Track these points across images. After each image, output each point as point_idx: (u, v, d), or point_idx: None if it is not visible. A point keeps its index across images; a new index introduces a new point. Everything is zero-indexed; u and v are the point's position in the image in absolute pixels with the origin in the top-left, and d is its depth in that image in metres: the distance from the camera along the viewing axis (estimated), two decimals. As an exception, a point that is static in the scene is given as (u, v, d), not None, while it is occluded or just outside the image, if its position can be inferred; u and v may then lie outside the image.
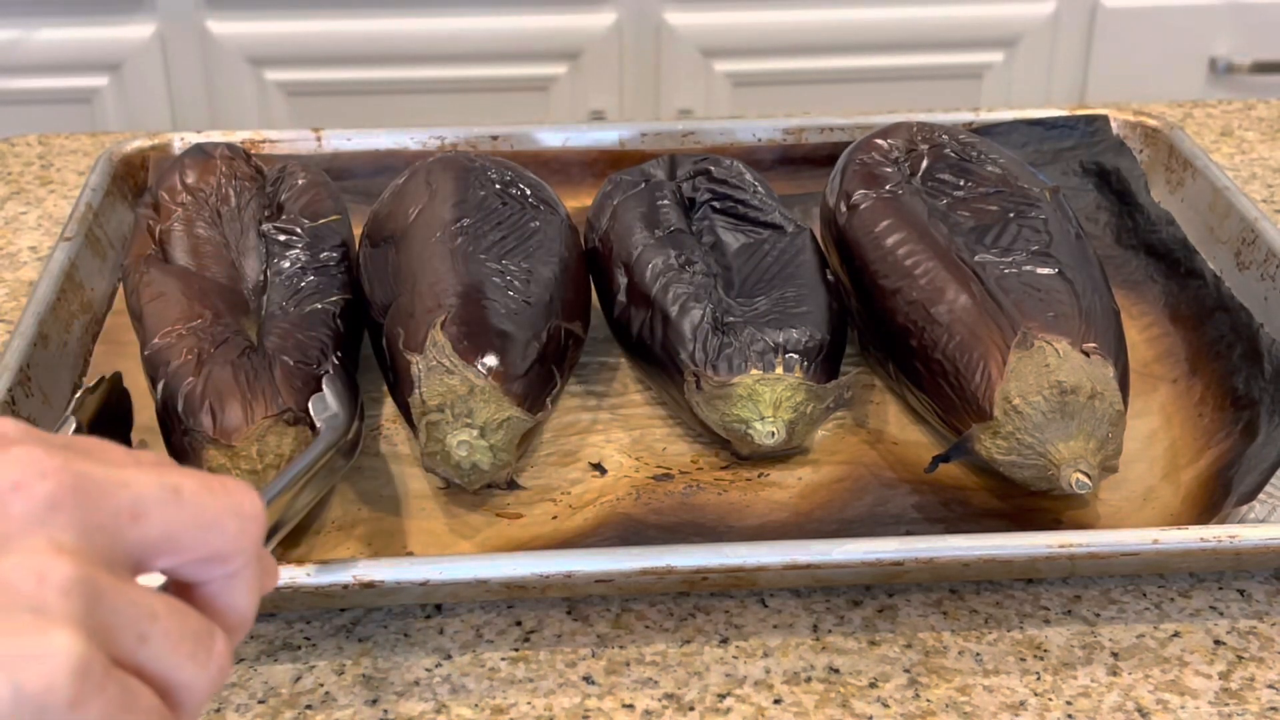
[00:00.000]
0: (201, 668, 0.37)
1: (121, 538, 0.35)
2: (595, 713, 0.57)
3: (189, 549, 0.37)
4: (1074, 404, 0.63)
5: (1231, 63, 1.68)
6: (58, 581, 0.33)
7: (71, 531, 0.34)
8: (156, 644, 0.36)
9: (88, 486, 0.35)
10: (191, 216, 0.75)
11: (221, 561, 0.38)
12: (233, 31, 1.60)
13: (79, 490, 0.35)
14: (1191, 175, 0.88)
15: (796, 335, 0.68)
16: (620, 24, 1.63)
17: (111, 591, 0.34)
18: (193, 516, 0.37)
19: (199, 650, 0.37)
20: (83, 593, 0.33)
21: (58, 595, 0.33)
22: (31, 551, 0.33)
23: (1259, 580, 0.63)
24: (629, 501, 0.66)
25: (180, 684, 0.36)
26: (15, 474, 0.34)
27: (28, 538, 0.33)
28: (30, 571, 0.33)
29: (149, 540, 0.36)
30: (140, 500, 0.36)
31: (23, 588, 0.33)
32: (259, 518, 0.39)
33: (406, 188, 0.77)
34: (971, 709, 0.57)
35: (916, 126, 0.81)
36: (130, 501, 0.36)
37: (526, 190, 0.76)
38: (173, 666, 0.36)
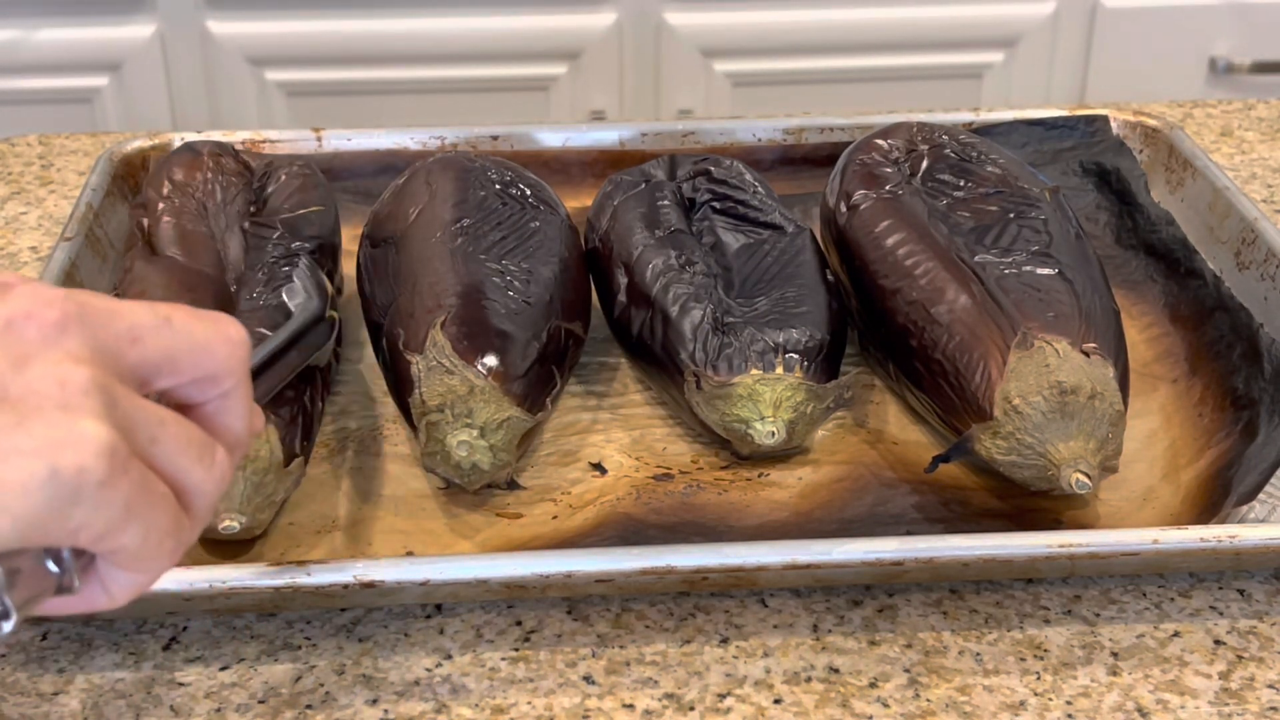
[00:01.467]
0: (207, 471, 0.41)
1: (124, 357, 0.39)
2: (595, 713, 0.57)
3: (184, 370, 0.41)
4: (1074, 404, 0.63)
5: (1231, 63, 1.68)
6: (79, 383, 0.37)
7: (84, 346, 0.38)
8: (166, 445, 0.40)
9: (90, 313, 0.39)
10: (178, 211, 0.75)
11: (214, 382, 0.42)
12: (233, 31, 1.60)
13: (83, 315, 0.39)
14: (1191, 175, 0.88)
15: (796, 335, 0.68)
16: (620, 24, 1.63)
17: (124, 397, 0.39)
18: (185, 340, 0.41)
19: (204, 456, 0.41)
20: (101, 393, 0.38)
21: (80, 394, 0.37)
22: (51, 362, 0.37)
23: (1259, 580, 0.63)
24: (629, 501, 0.66)
25: (188, 485, 0.41)
26: (25, 305, 0.38)
27: (46, 353, 0.38)
28: (53, 378, 0.37)
29: (148, 361, 0.40)
30: (137, 326, 0.40)
31: (48, 391, 0.37)
32: (245, 342, 0.43)
33: (406, 188, 0.77)
34: (971, 709, 0.57)
35: (916, 127, 0.81)
36: (128, 327, 0.40)
37: (526, 190, 0.76)
38: (181, 468, 0.40)
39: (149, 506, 0.39)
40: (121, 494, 0.38)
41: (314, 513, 0.65)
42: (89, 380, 0.37)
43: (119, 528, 0.38)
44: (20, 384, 0.37)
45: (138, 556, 0.40)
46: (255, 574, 0.57)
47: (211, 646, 0.59)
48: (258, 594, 0.58)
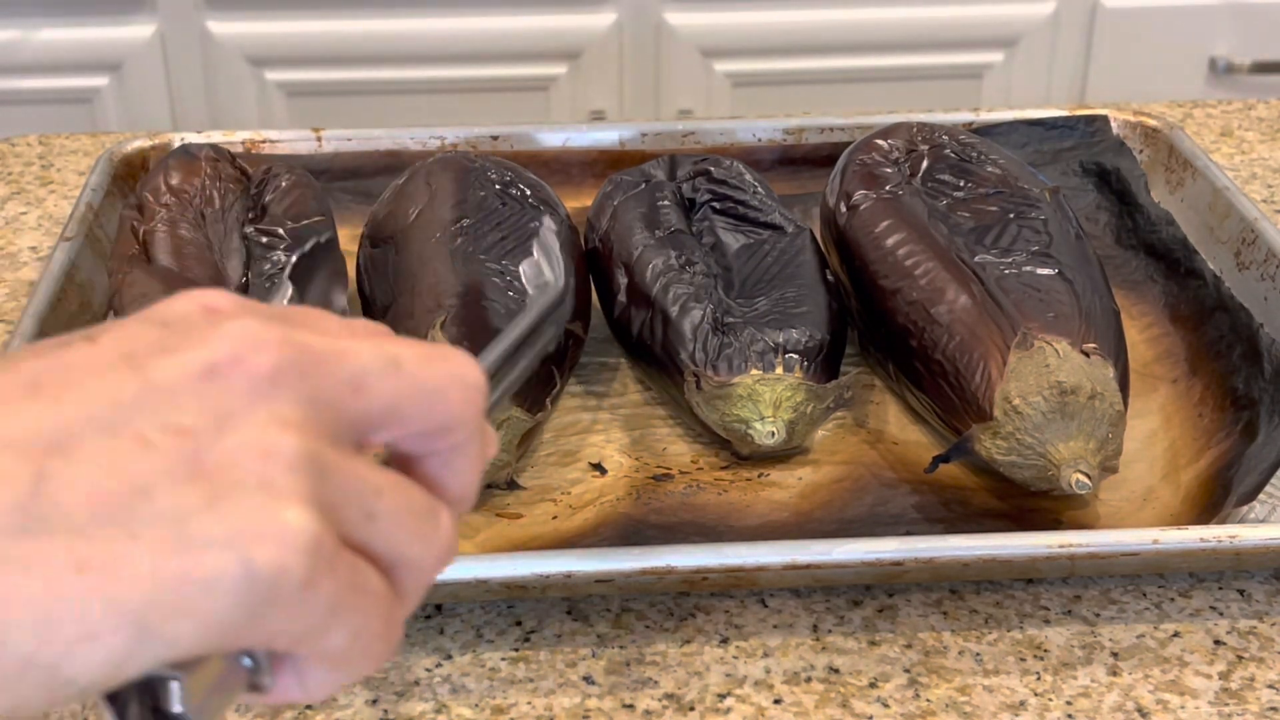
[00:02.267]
0: (428, 546, 0.35)
1: (343, 411, 0.33)
2: (595, 713, 0.57)
3: (411, 421, 0.35)
4: (1074, 404, 0.63)
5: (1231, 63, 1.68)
6: (285, 457, 0.31)
7: (294, 405, 0.32)
8: (383, 522, 0.33)
9: (308, 359, 0.33)
10: (175, 218, 0.75)
11: (445, 433, 0.36)
12: (233, 31, 1.60)
13: (299, 363, 0.32)
14: (1191, 175, 0.88)
15: (796, 335, 0.68)
16: (620, 24, 1.63)
17: (337, 467, 0.32)
18: (414, 387, 0.35)
19: (425, 527, 0.34)
20: (310, 468, 0.31)
21: (285, 471, 0.31)
22: (256, 427, 0.31)
23: (1259, 580, 0.63)
24: (629, 501, 0.66)
25: (406, 562, 0.34)
26: (233, 347, 0.32)
27: (251, 413, 0.31)
28: (256, 448, 0.31)
29: (371, 413, 0.34)
30: (361, 372, 0.34)
31: (250, 465, 0.31)
32: (481, 386, 0.36)
33: (406, 188, 0.77)
34: (971, 709, 0.57)
35: (916, 127, 0.81)
36: (351, 374, 0.33)
37: (526, 190, 0.76)
38: (399, 544, 0.34)
39: (358, 609, 0.32)
40: (326, 595, 0.31)
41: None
42: (297, 453, 0.31)
43: (321, 633, 0.32)
44: (218, 452, 0.31)
45: (341, 660, 0.33)
46: (255, 574, 0.57)
47: (211, 646, 0.59)
48: (258, 594, 0.58)
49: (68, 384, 0.31)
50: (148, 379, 0.31)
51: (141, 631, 0.29)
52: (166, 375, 0.31)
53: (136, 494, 0.30)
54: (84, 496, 0.29)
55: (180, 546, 0.29)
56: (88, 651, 0.29)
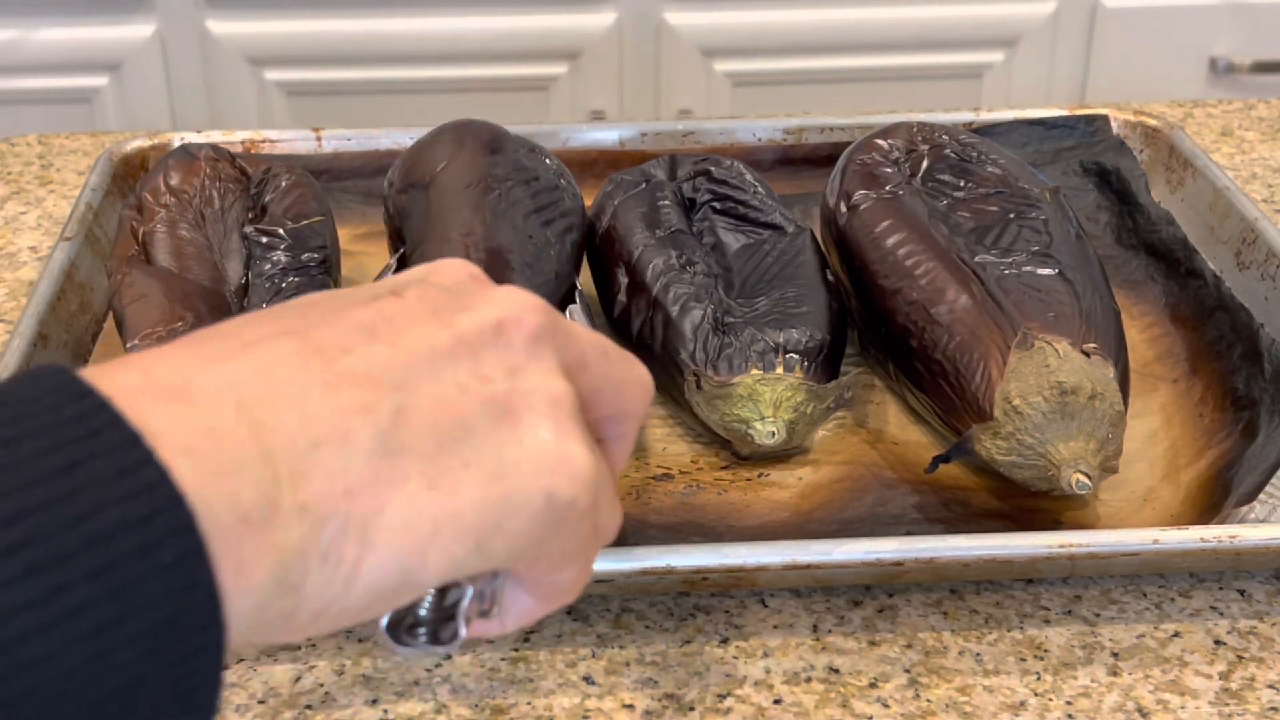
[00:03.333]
0: (615, 517, 0.40)
1: (575, 381, 0.39)
2: (595, 713, 0.57)
3: (605, 405, 0.41)
4: (1074, 404, 0.63)
5: (1232, 62, 1.68)
6: (567, 403, 0.37)
7: (557, 361, 0.38)
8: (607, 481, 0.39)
9: (561, 329, 0.39)
10: (175, 218, 0.75)
11: (620, 420, 0.42)
12: (232, 31, 1.60)
13: (556, 330, 0.38)
14: (1192, 175, 0.88)
15: (797, 335, 0.68)
16: (620, 24, 1.63)
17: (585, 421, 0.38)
18: (614, 376, 0.41)
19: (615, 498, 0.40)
20: (578, 414, 0.37)
21: (569, 415, 0.37)
22: (542, 375, 0.37)
23: (1259, 580, 0.63)
24: (629, 501, 0.66)
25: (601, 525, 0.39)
26: (512, 309, 0.38)
27: (533, 365, 0.37)
28: (545, 393, 0.37)
29: (586, 389, 0.39)
30: (587, 351, 0.40)
31: (544, 408, 0.36)
32: (652, 387, 0.43)
33: (436, 140, 0.79)
34: (972, 709, 0.57)
35: (916, 127, 0.81)
36: (581, 351, 0.39)
37: (549, 161, 0.79)
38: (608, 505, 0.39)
39: (595, 545, 0.38)
40: (586, 530, 0.37)
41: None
42: (572, 400, 0.37)
43: (570, 561, 0.38)
44: (518, 393, 0.36)
45: (561, 591, 0.39)
46: (255, 574, 0.57)
47: (211, 647, 0.59)
48: (257, 594, 0.58)
49: (397, 331, 0.36)
50: (454, 332, 0.37)
51: (475, 544, 0.35)
52: (468, 328, 0.37)
53: (463, 428, 0.35)
54: (429, 428, 0.35)
55: (500, 474, 0.35)
56: (436, 557, 0.34)
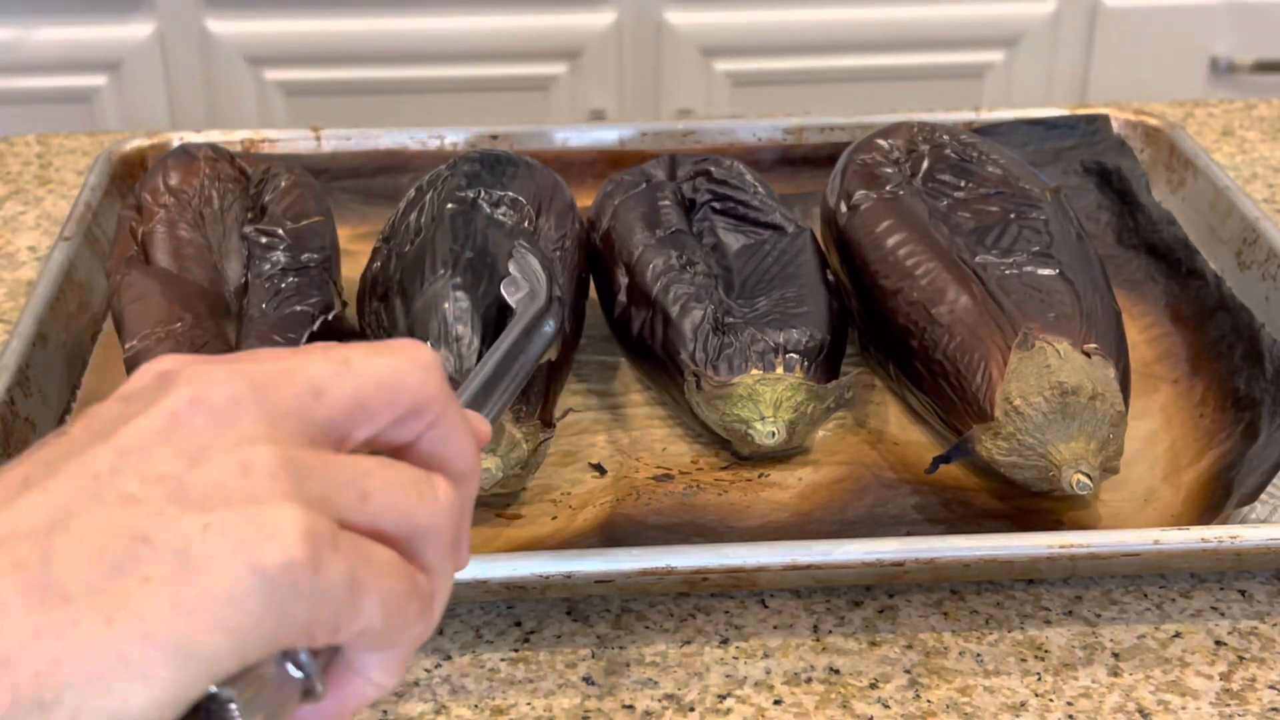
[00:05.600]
0: (432, 506, 0.36)
1: (311, 418, 0.35)
2: (595, 713, 0.56)
3: (379, 413, 0.37)
4: (1075, 405, 0.63)
5: (1233, 62, 1.68)
6: (262, 466, 0.33)
7: (260, 423, 0.34)
8: (379, 496, 0.35)
9: (261, 381, 0.35)
10: (174, 218, 0.75)
11: (417, 415, 0.38)
12: (232, 31, 1.60)
13: (254, 386, 0.35)
14: (1192, 175, 0.88)
15: (797, 335, 0.68)
16: (620, 24, 1.63)
17: (318, 463, 0.34)
18: (370, 380, 0.37)
19: (423, 491, 0.36)
20: (289, 471, 0.34)
21: (265, 479, 0.33)
22: (227, 450, 0.33)
23: (1260, 581, 0.63)
24: (629, 502, 0.66)
25: (415, 530, 0.36)
26: (189, 391, 0.34)
27: (220, 441, 0.34)
28: (233, 468, 0.33)
29: (338, 414, 0.36)
30: (316, 380, 0.36)
31: (232, 484, 0.33)
32: (436, 363, 0.38)
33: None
34: (972, 710, 0.57)
35: (917, 127, 0.81)
36: (306, 382, 0.36)
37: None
38: (402, 513, 0.36)
39: (375, 575, 0.34)
40: (340, 573, 0.33)
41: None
42: (271, 459, 0.33)
43: (352, 610, 0.34)
44: (200, 483, 0.33)
45: (384, 633, 0.35)
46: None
47: (210, 647, 0.59)
48: (257, 594, 0.58)
49: (52, 473, 0.33)
50: (119, 446, 0.33)
51: (183, 658, 0.31)
52: (134, 437, 0.34)
53: (138, 543, 0.32)
54: (91, 559, 0.31)
55: (191, 573, 0.32)
56: (141, 691, 0.31)
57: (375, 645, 0.36)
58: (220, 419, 0.34)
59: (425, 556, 0.37)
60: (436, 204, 0.73)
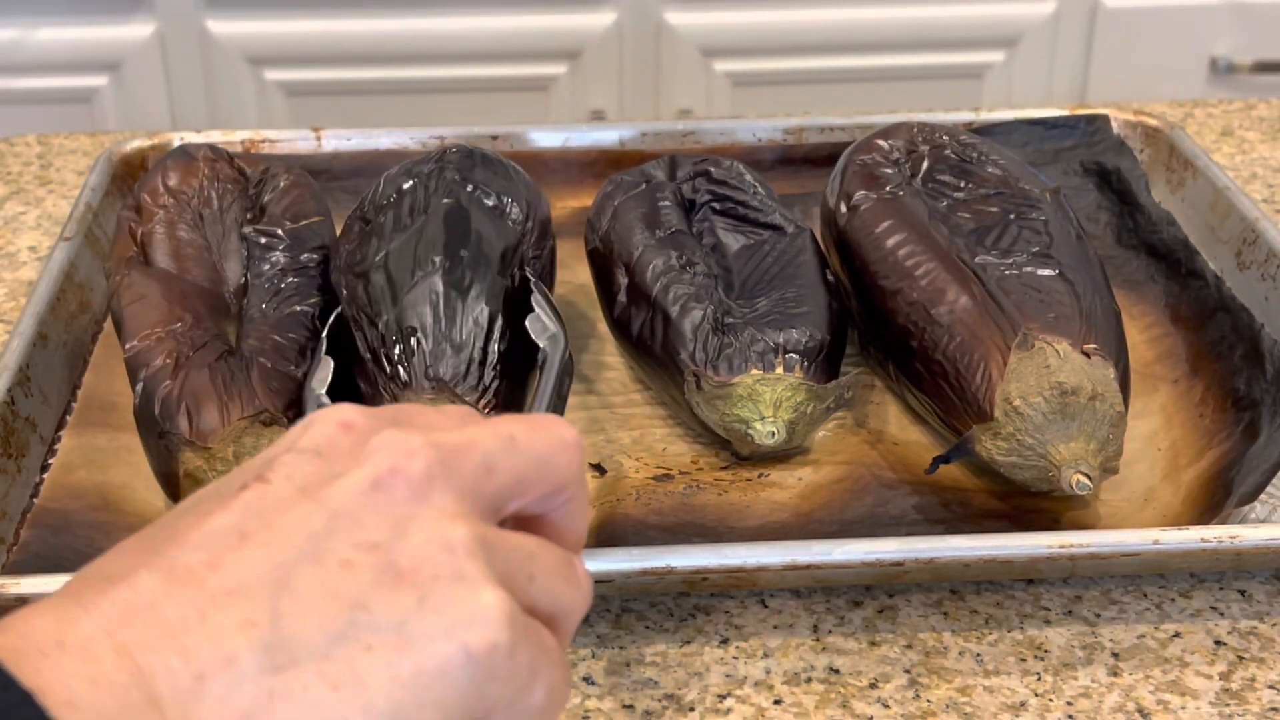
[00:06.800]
0: (577, 592, 0.39)
1: (483, 493, 0.37)
2: (595, 713, 0.56)
3: (532, 490, 0.39)
4: (1074, 405, 0.63)
5: (1232, 62, 1.68)
6: (463, 545, 0.35)
7: (451, 498, 0.36)
8: (541, 580, 0.38)
9: (449, 455, 0.37)
10: (173, 219, 0.75)
11: (559, 491, 0.40)
12: (232, 31, 1.60)
13: (444, 461, 0.36)
14: (1192, 175, 0.88)
15: (797, 335, 0.68)
16: (620, 24, 1.63)
17: (498, 542, 0.37)
18: (531, 459, 0.39)
19: (571, 575, 0.39)
20: (482, 550, 0.35)
21: (468, 558, 0.35)
22: (430, 524, 0.35)
23: (1260, 580, 0.63)
24: (629, 502, 0.66)
25: (562, 610, 0.39)
26: (388, 460, 0.36)
27: (420, 514, 0.35)
28: (438, 543, 0.35)
29: (502, 490, 0.38)
30: (489, 456, 0.38)
31: (438, 559, 0.35)
32: (580, 444, 0.41)
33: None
34: (972, 709, 0.57)
35: (917, 127, 0.81)
36: (482, 459, 0.38)
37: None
38: (556, 597, 0.38)
39: (548, 664, 0.37)
40: (526, 659, 0.36)
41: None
42: (470, 538, 0.35)
43: (526, 693, 0.36)
44: (407, 554, 0.35)
45: (540, 713, 0.37)
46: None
47: (211, 647, 0.59)
48: (257, 594, 0.58)
49: (267, 526, 0.34)
50: (329, 507, 0.35)
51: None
52: (343, 499, 0.35)
53: (357, 609, 0.34)
54: (316, 624, 0.33)
55: (407, 647, 0.34)
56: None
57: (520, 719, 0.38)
58: (419, 491, 0.36)
59: (563, 631, 0.39)
60: (426, 195, 0.72)
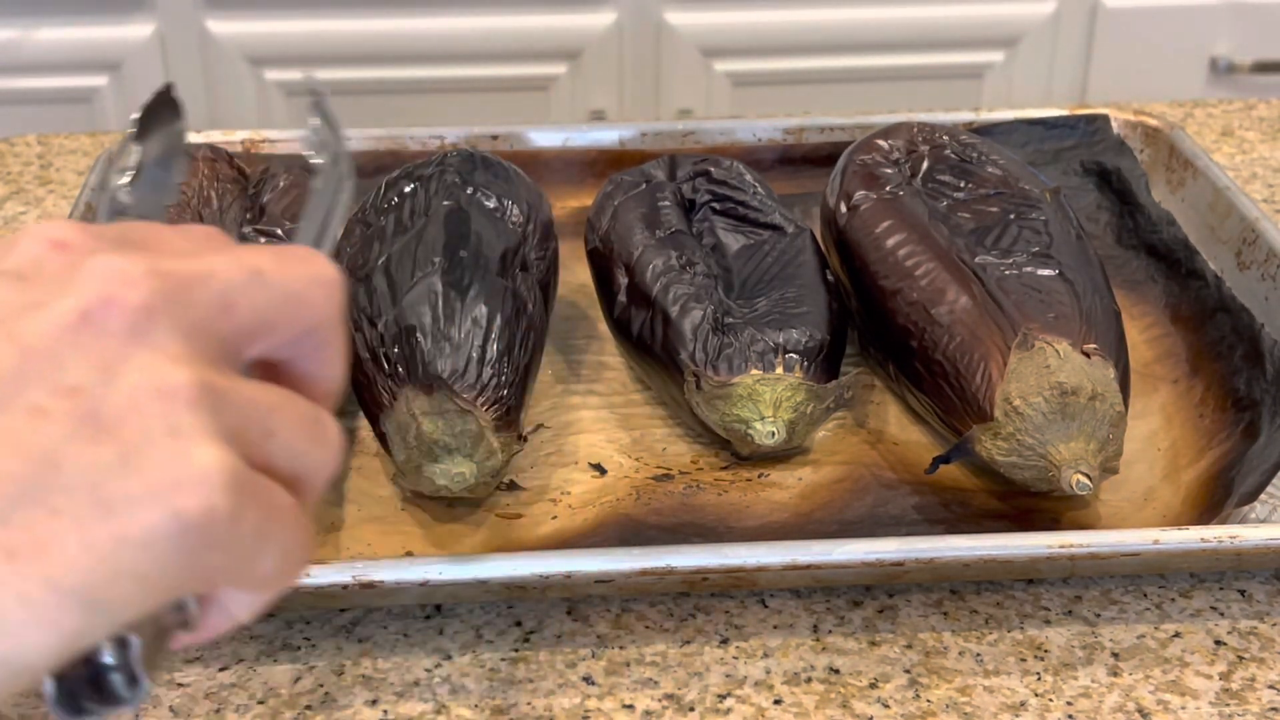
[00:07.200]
0: (324, 450, 0.35)
1: (219, 332, 0.33)
2: (595, 713, 0.56)
3: (281, 330, 0.35)
4: (1074, 405, 0.63)
5: (1232, 62, 1.68)
6: (183, 394, 0.30)
7: (175, 337, 0.31)
8: (283, 436, 0.33)
9: (178, 286, 0.32)
10: (173, 219, 0.75)
11: (310, 335, 0.36)
12: (232, 31, 1.60)
13: (170, 292, 0.32)
14: (1192, 175, 0.88)
15: (796, 335, 0.68)
16: (620, 24, 1.63)
17: (230, 391, 0.32)
18: (280, 295, 0.34)
19: (318, 432, 0.35)
20: (207, 400, 0.31)
21: (187, 408, 0.30)
22: (145, 368, 0.30)
23: (1260, 580, 0.63)
24: (629, 502, 0.66)
25: (306, 471, 0.34)
26: (101, 288, 0.31)
27: (136, 354, 0.31)
28: (151, 390, 0.30)
29: (241, 330, 0.33)
30: (228, 290, 0.33)
31: (150, 409, 0.30)
32: (339, 281, 0.36)
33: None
34: (972, 709, 0.57)
35: (917, 127, 0.81)
36: (219, 293, 0.33)
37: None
38: (300, 455, 0.34)
39: (280, 528, 0.32)
40: (252, 524, 0.31)
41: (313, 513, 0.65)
42: (193, 386, 0.30)
43: (253, 560, 0.32)
44: (114, 402, 0.30)
45: (271, 579, 0.33)
46: (255, 574, 0.57)
47: (211, 647, 0.59)
48: (257, 594, 0.58)
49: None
50: (23, 343, 0.30)
51: (89, 604, 0.29)
52: (41, 333, 0.30)
53: (46, 467, 0.29)
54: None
55: (105, 511, 0.29)
56: (38, 637, 0.29)
57: (254, 589, 0.34)
58: (136, 327, 0.31)
59: (306, 493, 0.35)
60: (427, 197, 0.73)
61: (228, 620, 0.35)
